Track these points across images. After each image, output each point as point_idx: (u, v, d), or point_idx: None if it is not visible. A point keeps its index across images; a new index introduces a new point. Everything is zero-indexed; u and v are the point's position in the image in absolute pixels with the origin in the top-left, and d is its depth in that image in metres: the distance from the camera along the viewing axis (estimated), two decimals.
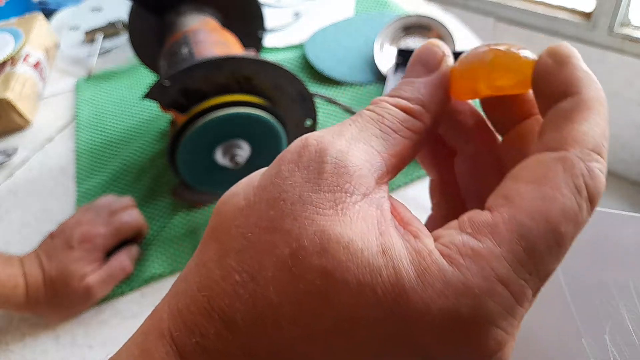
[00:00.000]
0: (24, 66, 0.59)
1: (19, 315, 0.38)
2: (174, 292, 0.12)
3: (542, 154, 0.10)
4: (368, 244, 0.10)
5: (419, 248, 0.10)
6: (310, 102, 0.37)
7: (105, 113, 0.56)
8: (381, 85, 0.51)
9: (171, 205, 0.44)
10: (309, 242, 0.10)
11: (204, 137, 0.33)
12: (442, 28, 0.51)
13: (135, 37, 0.47)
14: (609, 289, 0.17)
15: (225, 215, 0.11)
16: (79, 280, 0.35)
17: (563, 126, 0.10)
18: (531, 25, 1.10)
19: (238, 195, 0.11)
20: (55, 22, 0.75)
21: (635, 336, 0.16)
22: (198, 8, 0.44)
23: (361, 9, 0.64)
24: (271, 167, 0.11)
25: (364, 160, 0.11)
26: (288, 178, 0.11)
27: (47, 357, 0.36)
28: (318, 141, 0.11)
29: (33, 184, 0.50)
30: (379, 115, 0.12)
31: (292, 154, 0.11)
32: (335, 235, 0.10)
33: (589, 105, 0.10)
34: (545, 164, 0.10)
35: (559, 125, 0.10)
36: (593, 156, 0.10)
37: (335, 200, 0.10)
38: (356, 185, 0.10)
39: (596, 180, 0.10)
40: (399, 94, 0.12)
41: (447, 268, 0.09)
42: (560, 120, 0.10)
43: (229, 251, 0.11)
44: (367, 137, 0.11)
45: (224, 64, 0.33)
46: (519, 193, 0.10)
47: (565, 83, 0.11)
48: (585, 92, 0.10)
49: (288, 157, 0.11)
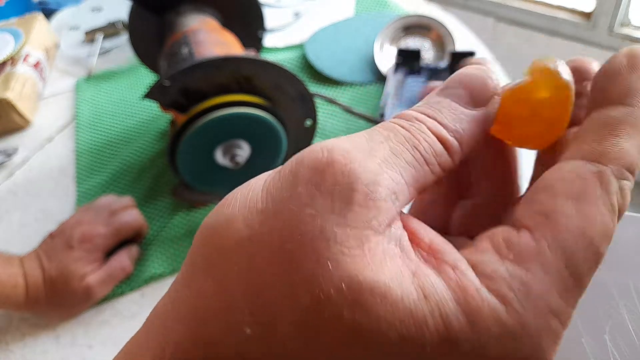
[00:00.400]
0: (24, 66, 0.59)
1: (19, 315, 0.38)
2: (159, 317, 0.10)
3: (580, 163, 0.10)
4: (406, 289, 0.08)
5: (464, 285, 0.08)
6: (310, 102, 0.37)
7: (105, 113, 0.56)
8: (381, 85, 0.51)
9: (171, 205, 0.44)
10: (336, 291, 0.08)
11: (204, 137, 0.33)
12: (442, 28, 0.51)
13: (135, 37, 0.47)
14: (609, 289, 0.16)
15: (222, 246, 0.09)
16: (79, 280, 0.35)
17: (606, 137, 0.10)
18: (531, 25, 1.10)
19: (236, 221, 0.09)
20: (55, 22, 0.75)
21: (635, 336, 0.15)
22: (198, 8, 0.44)
23: (361, 9, 0.64)
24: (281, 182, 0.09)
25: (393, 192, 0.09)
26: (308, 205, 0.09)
27: (47, 357, 0.36)
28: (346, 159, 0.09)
29: (33, 184, 0.50)
30: (416, 140, 0.10)
31: (312, 172, 0.09)
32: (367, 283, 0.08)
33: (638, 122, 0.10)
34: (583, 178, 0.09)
35: (602, 134, 0.10)
36: (626, 174, 0.09)
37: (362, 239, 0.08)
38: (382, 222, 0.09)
39: (626, 199, 0.09)
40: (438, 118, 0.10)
41: (499, 308, 0.08)
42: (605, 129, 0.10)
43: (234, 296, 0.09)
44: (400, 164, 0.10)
45: (224, 64, 0.33)
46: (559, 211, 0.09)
47: (626, 90, 0.10)
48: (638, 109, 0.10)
49: (306, 176, 0.09)
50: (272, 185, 0.09)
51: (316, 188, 0.09)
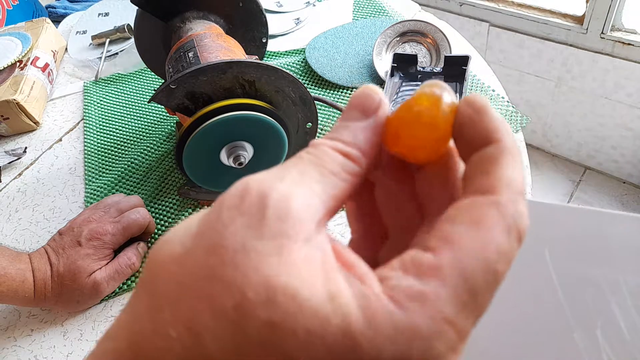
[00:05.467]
0: (32, 69, 0.60)
1: (27, 310, 0.39)
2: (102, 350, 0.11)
3: (476, 197, 0.11)
4: (315, 291, 0.09)
5: (367, 293, 0.10)
6: (311, 106, 0.38)
7: (112, 115, 0.57)
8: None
9: (178, 204, 0.45)
10: (253, 294, 0.09)
11: (209, 139, 0.34)
12: (438, 33, 0.53)
13: (141, 42, 0.48)
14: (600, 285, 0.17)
15: (157, 263, 0.11)
16: (87, 276, 0.36)
17: (492, 171, 0.11)
18: (524, 30, 1.12)
19: (173, 243, 0.11)
20: (63, 26, 0.77)
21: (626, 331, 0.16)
22: (203, 15, 0.45)
23: (359, 15, 0.66)
24: (211, 212, 0.11)
25: (306, 204, 0.11)
26: (229, 225, 0.10)
27: (55, 352, 0.36)
28: (259, 185, 0.11)
29: (42, 183, 0.51)
30: (319, 159, 0.12)
31: (233, 199, 0.11)
32: (280, 286, 0.09)
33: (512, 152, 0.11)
34: (480, 207, 0.11)
35: (487, 170, 0.11)
36: (517, 197, 0.11)
37: (278, 247, 0.10)
38: (298, 231, 0.10)
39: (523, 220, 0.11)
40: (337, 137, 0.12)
41: (395, 312, 0.09)
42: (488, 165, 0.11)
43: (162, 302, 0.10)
44: (307, 181, 0.11)
45: (228, 69, 0.34)
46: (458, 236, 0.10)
47: (487, 130, 0.12)
48: (506, 140, 0.12)
49: (229, 203, 0.11)
50: (206, 216, 0.11)
51: (236, 211, 0.10)
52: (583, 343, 0.16)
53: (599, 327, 0.16)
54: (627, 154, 1.14)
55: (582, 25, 1.02)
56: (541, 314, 0.18)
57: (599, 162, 1.20)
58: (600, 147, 1.17)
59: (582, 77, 1.09)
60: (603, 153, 1.18)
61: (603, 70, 1.04)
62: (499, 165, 0.11)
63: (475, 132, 0.12)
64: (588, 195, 1.18)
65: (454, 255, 0.10)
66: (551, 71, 1.13)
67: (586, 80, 1.09)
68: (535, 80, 1.17)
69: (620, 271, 0.17)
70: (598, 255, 0.18)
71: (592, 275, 0.17)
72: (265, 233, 0.10)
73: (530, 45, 1.12)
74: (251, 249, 0.10)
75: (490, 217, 0.10)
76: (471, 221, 0.10)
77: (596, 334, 0.16)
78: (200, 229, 0.11)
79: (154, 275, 0.11)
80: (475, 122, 0.12)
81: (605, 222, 0.18)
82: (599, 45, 1.02)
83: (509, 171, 0.11)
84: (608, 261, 0.17)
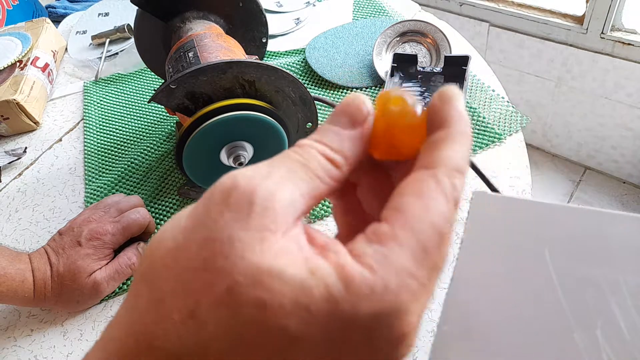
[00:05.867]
0: (32, 69, 0.60)
1: (27, 310, 0.39)
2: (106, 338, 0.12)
3: (419, 171, 0.13)
4: (297, 270, 0.11)
5: (341, 263, 0.11)
6: (311, 106, 0.38)
7: (112, 115, 0.58)
8: (379, 89, 0.52)
9: (178, 204, 0.45)
10: (243, 277, 0.10)
11: (209, 139, 0.35)
12: (438, 33, 0.53)
13: (141, 42, 0.48)
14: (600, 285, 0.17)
15: (154, 258, 0.12)
16: (87, 276, 0.36)
17: (434, 151, 0.13)
18: (524, 30, 1.12)
19: (165, 238, 0.12)
20: (63, 26, 0.77)
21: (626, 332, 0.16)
22: (203, 15, 0.45)
23: (359, 15, 0.66)
24: (199, 207, 0.12)
25: (289, 202, 0.12)
26: (218, 220, 0.11)
27: (55, 352, 0.36)
28: (247, 182, 0.12)
29: (42, 183, 0.51)
30: (307, 160, 0.13)
31: (221, 194, 0.12)
32: (266, 268, 0.11)
33: (455, 137, 0.13)
34: (421, 180, 0.12)
35: (431, 150, 0.13)
36: (454, 173, 0.13)
37: (261, 238, 0.11)
38: (279, 225, 0.11)
39: (457, 191, 0.13)
40: (326, 143, 0.13)
41: (366, 273, 0.11)
42: (433, 146, 0.13)
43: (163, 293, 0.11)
44: (294, 180, 0.12)
45: (228, 69, 0.34)
46: (406, 205, 0.12)
47: (443, 118, 0.14)
48: (457, 126, 0.13)
49: (217, 198, 0.12)
50: (194, 210, 0.12)
51: (225, 206, 0.11)
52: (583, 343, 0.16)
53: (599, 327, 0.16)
54: (627, 154, 1.14)
55: (582, 25, 1.02)
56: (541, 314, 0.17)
57: (599, 162, 1.20)
58: (600, 147, 1.17)
59: (582, 77, 1.09)
60: (603, 153, 1.18)
61: (603, 70, 1.05)
62: (443, 145, 0.13)
63: (436, 119, 0.14)
64: (588, 195, 1.18)
65: (405, 221, 0.12)
66: (551, 71, 1.13)
67: (586, 80, 1.09)
68: (535, 80, 1.17)
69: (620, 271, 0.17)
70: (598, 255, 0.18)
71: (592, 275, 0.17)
72: (251, 226, 0.11)
73: (530, 45, 1.12)
74: (237, 240, 0.11)
75: (430, 187, 0.12)
76: (415, 192, 0.12)
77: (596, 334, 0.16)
78: (189, 224, 0.12)
79: (151, 268, 0.12)
80: (438, 110, 0.14)
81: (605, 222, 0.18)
82: (599, 45, 1.02)
83: (449, 151, 0.13)
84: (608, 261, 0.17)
